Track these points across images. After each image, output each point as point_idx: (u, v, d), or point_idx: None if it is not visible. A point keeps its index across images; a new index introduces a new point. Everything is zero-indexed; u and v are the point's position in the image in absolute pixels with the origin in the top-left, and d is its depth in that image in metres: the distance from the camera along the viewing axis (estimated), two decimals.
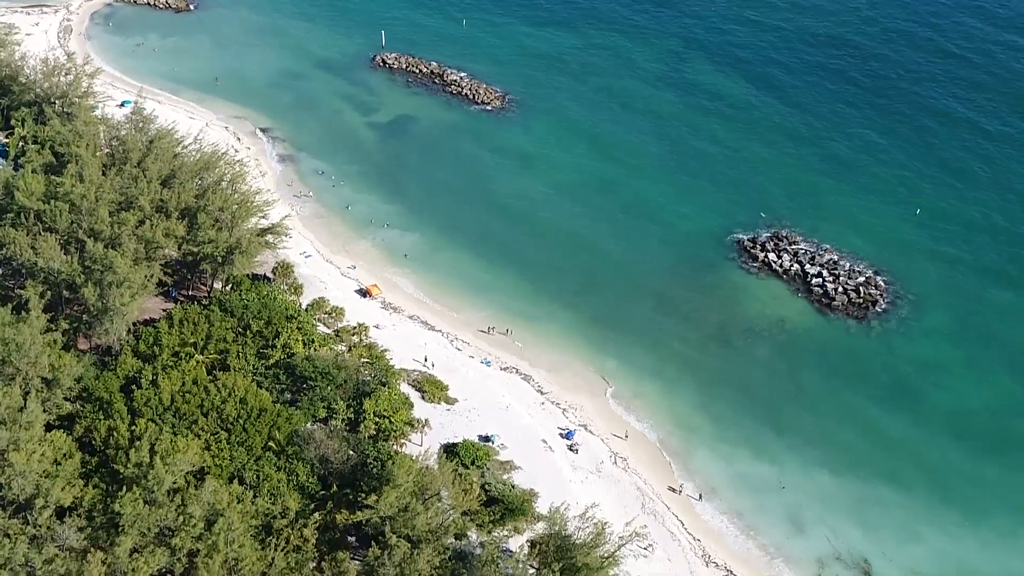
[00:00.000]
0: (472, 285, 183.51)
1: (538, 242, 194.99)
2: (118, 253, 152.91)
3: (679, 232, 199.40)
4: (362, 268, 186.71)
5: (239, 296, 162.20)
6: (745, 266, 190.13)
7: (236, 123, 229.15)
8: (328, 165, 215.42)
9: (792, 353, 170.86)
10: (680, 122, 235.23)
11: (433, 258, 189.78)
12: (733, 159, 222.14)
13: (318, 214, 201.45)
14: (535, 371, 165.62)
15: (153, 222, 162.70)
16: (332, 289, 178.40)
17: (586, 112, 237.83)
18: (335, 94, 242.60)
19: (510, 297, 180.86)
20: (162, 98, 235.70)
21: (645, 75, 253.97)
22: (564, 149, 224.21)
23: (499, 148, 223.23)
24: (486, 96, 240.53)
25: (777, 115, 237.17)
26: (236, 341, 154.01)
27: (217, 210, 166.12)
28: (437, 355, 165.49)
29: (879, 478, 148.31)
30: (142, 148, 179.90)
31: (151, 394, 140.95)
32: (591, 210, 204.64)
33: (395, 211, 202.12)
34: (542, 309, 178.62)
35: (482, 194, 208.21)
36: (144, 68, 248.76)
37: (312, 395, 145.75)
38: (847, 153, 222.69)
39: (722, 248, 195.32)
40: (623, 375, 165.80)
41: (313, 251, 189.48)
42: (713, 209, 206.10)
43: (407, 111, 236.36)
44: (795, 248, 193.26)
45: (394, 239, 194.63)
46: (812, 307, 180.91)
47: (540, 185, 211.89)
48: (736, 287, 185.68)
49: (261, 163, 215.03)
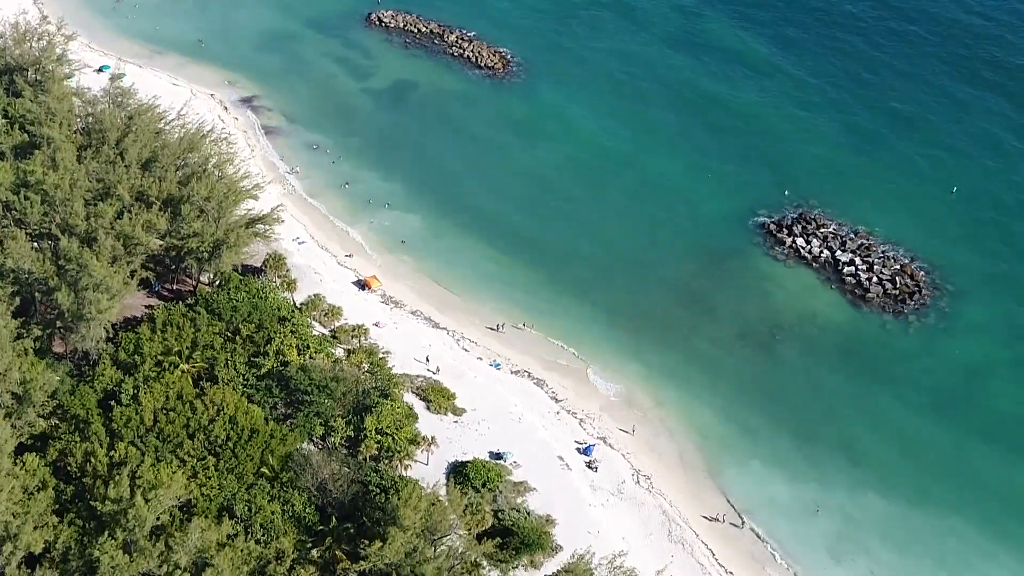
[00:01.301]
0: (478, 275, 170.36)
1: (547, 225, 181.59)
2: (94, 253, 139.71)
3: (699, 213, 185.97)
4: (360, 256, 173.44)
5: (227, 295, 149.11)
6: (772, 252, 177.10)
7: (223, 90, 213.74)
8: (322, 138, 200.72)
9: (825, 353, 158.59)
10: (695, 87, 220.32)
11: (435, 244, 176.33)
12: (753, 130, 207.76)
13: (312, 193, 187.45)
14: (548, 374, 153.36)
15: (133, 214, 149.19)
16: (328, 281, 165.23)
17: (595, 77, 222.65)
18: (328, 56, 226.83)
19: (519, 289, 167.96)
20: (143, 62, 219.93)
21: (657, 35, 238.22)
22: (573, 119, 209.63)
23: (504, 118, 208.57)
24: (489, 59, 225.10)
25: (797, 81, 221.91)
26: (224, 348, 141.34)
27: (202, 200, 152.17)
28: (442, 357, 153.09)
29: (928, 500, 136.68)
30: (120, 126, 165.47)
31: (132, 412, 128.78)
32: (604, 189, 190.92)
33: (394, 190, 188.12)
34: (554, 302, 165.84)
35: (486, 170, 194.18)
36: (123, 28, 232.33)
37: (308, 410, 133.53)
38: (873, 123, 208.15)
39: (746, 232, 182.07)
40: (644, 379, 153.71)
41: (307, 236, 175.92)
42: (734, 186, 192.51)
43: (405, 76, 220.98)
44: (824, 232, 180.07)
45: (394, 222, 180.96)
46: (845, 299, 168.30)
47: (548, 160, 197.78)
48: (763, 276, 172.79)
49: (249, 136, 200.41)
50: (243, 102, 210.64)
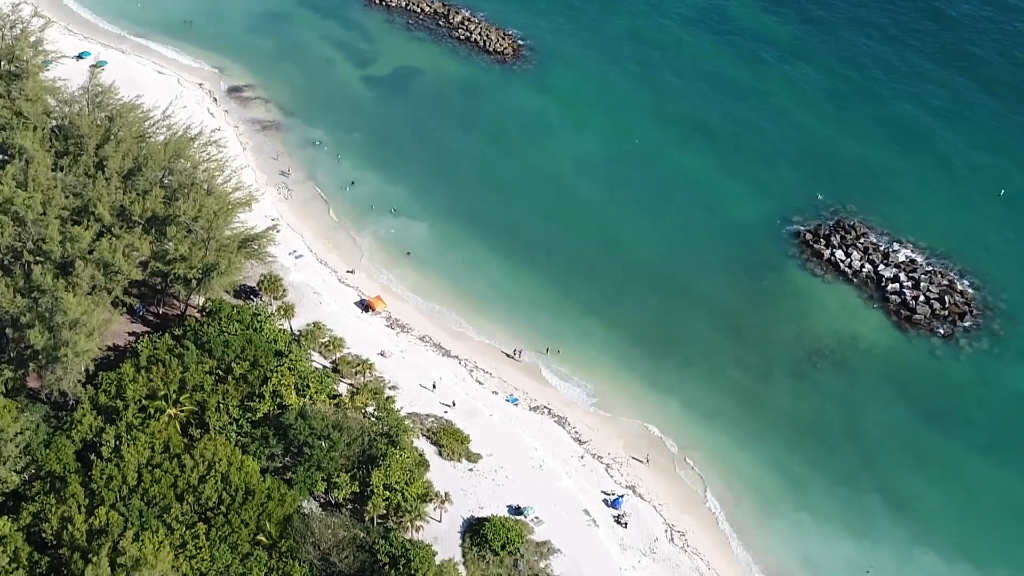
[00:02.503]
0: (491, 292, 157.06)
1: (564, 232, 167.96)
2: (70, 285, 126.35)
3: (728, 219, 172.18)
4: (363, 271, 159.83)
5: (218, 326, 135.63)
6: (808, 266, 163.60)
7: (212, 78, 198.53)
8: (321, 133, 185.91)
9: (869, 384, 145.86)
10: (716, 75, 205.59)
11: (444, 256, 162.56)
12: (781, 123, 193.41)
13: (310, 198, 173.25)
14: (570, 411, 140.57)
15: (113, 237, 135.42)
16: (328, 303, 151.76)
17: (612, 63, 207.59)
18: (325, 40, 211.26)
19: (536, 308, 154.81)
20: (126, 46, 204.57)
21: (675, 16, 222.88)
22: (589, 111, 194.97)
23: (515, 110, 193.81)
24: (498, 43, 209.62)
25: (825, 68, 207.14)
26: (215, 389, 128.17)
27: (190, 220, 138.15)
28: (455, 391, 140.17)
29: (991, 557, 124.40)
30: (100, 131, 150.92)
31: (113, 469, 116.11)
32: (625, 191, 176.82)
33: (399, 192, 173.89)
34: (574, 325, 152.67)
35: (497, 169, 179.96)
36: (106, 7, 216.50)
37: (309, 463, 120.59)
38: (912, 118, 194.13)
39: (779, 241, 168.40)
40: (674, 415, 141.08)
41: (305, 249, 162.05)
42: (765, 188, 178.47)
43: (409, 62, 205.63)
44: (864, 242, 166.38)
45: (399, 230, 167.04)
46: (889, 321, 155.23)
47: (563, 157, 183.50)
48: (799, 294, 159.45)
49: (242, 132, 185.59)
50: (234, 92, 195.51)
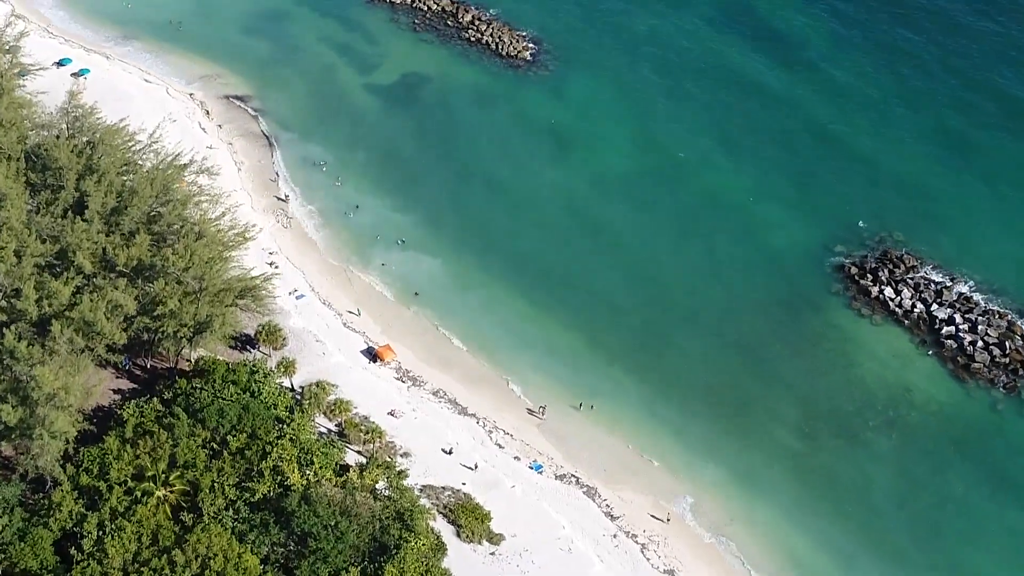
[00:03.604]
0: (510, 339, 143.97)
1: (586, 267, 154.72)
2: (47, 352, 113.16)
3: (764, 249, 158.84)
4: (369, 313, 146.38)
5: (212, 390, 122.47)
6: (855, 305, 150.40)
7: (203, 86, 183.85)
8: (321, 151, 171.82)
9: (926, 444, 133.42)
10: (747, 81, 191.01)
11: (458, 297, 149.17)
12: (816, 137, 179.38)
13: (310, 227, 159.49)
14: (599, 479, 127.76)
15: (95, 289, 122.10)
16: (332, 352, 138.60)
17: (632, 68, 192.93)
18: (325, 42, 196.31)
19: (559, 356, 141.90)
20: (110, 50, 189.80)
21: (699, 14, 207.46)
22: (611, 123, 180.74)
23: (531, 123, 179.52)
24: (512, 46, 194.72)
25: (863, 73, 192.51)
26: (209, 466, 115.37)
27: (181, 270, 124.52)
28: (472, 456, 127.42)
29: None
30: (80, 163, 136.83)
31: (95, 568, 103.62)
32: (650, 216, 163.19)
33: (406, 221, 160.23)
34: (602, 376, 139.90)
35: (512, 193, 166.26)
36: (88, 6, 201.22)
37: (314, 557, 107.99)
38: (965, 132, 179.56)
39: (822, 275, 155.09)
40: (710, 482, 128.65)
41: (306, 288, 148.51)
42: (801, 212, 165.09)
43: (415, 68, 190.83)
44: (914, 277, 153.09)
45: (409, 265, 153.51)
46: (945, 369, 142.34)
47: (583, 178, 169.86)
48: (845, 337, 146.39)
49: (236, 149, 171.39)
50: (228, 103, 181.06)
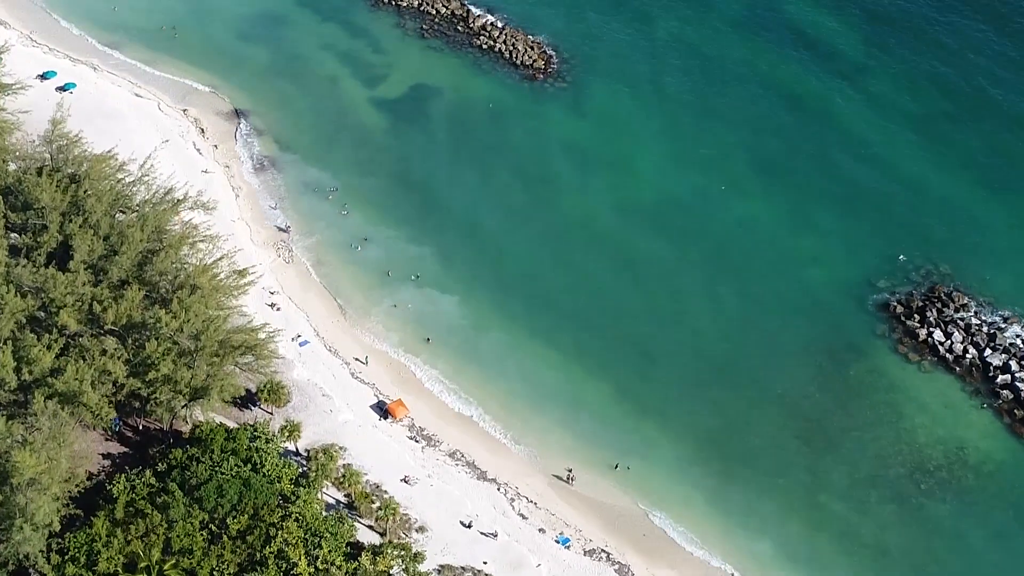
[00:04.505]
0: (532, 392, 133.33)
1: (613, 308, 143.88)
2: (26, 429, 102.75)
3: (802, 285, 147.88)
4: (379, 360, 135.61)
5: (209, 463, 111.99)
6: (901, 348, 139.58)
7: (199, 101, 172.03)
8: (325, 174, 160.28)
9: (983, 509, 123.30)
10: (778, 93, 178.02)
11: (476, 343, 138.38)
12: (854, 156, 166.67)
13: (315, 262, 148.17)
14: (634, 555, 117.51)
15: (81, 350, 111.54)
16: (340, 408, 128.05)
17: (656, 78, 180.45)
18: (328, 50, 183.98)
19: (585, 411, 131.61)
20: (99, 61, 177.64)
21: (727, 16, 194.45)
22: (634, 143, 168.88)
23: (550, 142, 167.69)
24: (527, 54, 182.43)
25: (908, 84, 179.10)
26: (208, 553, 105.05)
27: (175, 331, 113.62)
28: (493, 528, 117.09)
29: None
30: (64, 201, 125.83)
31: None
32: (679, 249, 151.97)
33: (418, 254, 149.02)
34: (631, 431, 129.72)
35: (533, 221, 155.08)
36: (75, 10, 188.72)
37: None
38: (1018, 151, 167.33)
39: (865, 315, 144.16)
40: (752, 556, 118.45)
41: (311, 332, 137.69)
42: (841, 242, 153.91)
43: (424, 79, 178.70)
44: (964, 317, 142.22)
45: (422, 305, 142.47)
46: (1001, 423, 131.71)
47: (607, 205, 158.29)
48: (893, 386, 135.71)
49: (233, 172, 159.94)
50: (224, 120, 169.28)
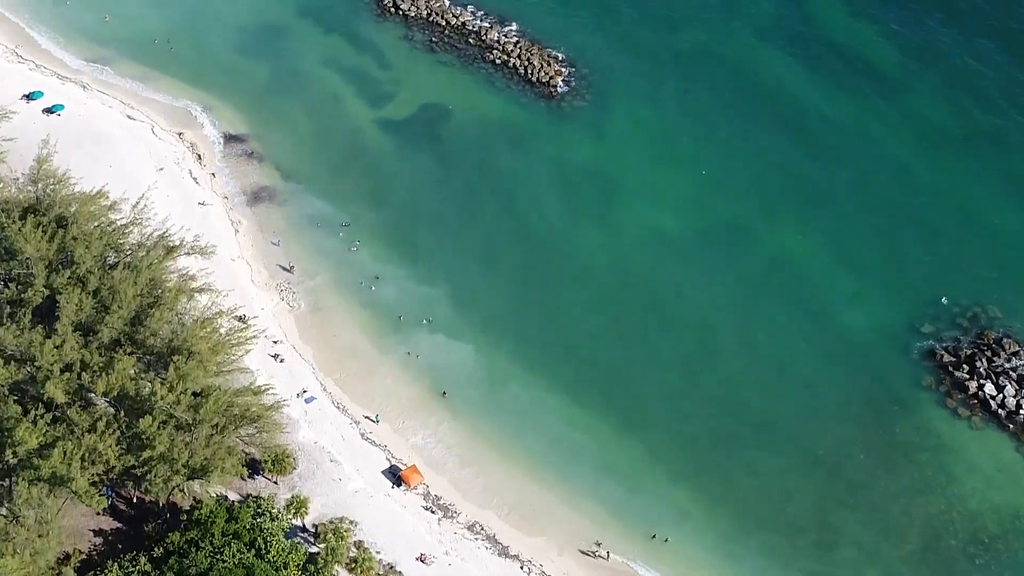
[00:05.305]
0: (557, 455, 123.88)
1: (641, 357, 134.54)
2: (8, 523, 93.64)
3: (841, 330, 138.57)
4: (391, 418, 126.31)
5: (209, 550, 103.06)
6: (949, 402, 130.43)
7: (194, 122, 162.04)
8: (331, 207, 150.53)
9: None
10: (807, 110, 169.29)
11: (495, 398, 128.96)
12: (891, 183, 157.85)
13: (320, 306, 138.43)
14: None
15: (67, 428, 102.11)
16: (350, 475, 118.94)
17: (680, 96, 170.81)
18: (331, 66, 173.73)
19: (614, 476, 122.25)
20: (88, 80, 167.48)
21: (752, 27, 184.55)
22: (658, 169, 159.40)
23: (569, 170, 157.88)
24: (543, 70, 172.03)
25: (947, 102, 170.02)
26: None
27: (171, 404, 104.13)
28: None
29: None
30: (52, 249, 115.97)
31: None
32: (712, 291, 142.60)
33: (433, 296, 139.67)
34: (664, 499, 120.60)
35: (553, 258, 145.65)
36: (63, 22, 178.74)
37: None
38: None
39: (909, 364, 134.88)
40: None
41: (317, 387, 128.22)
42: (882, 281, 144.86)
43: (435, 97, 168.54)
44: (1017, 367, 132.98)
45: (436, 355, 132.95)
46: None
47: (631, 240, 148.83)
48: (942, 445, 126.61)
49: (232, 204, 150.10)
50: (223, 144, 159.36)
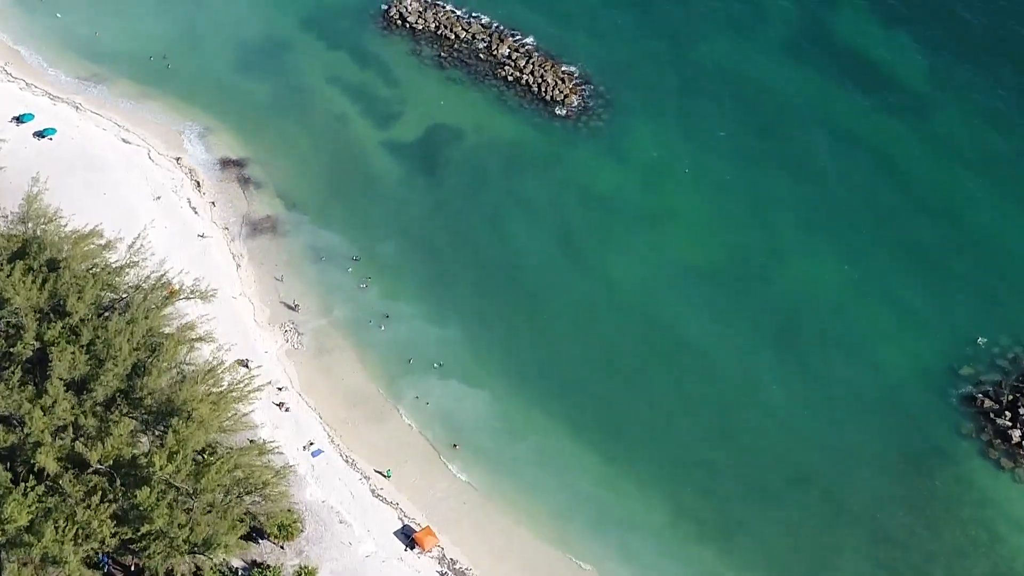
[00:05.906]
0: (578, 512, 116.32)
1: (665, 404, 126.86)
2: None
3: (875, 373, 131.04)
4: (402, 473, 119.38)
5: None
6: (991, 452, 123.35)
7: (192, 146, 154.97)
8: (338, 240, 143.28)
9: None
10: (836, 129, 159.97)
11: (511, 451, 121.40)
12: (923, 210, 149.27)
13: (327, 348, 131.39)
14: None
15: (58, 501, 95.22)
16: (361, 536, 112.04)
17: (701, 116, 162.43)
18: (335, 83, 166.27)
19: (640, 536, 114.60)
20: (80, 99, 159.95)
21: (774, 38, 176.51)
22: (680, 195, 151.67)
23: (587, 197, 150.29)
24: (557, 87, 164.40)
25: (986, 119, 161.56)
26: None
27: (171, 474, 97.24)
28: None
29: None
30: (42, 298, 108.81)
31: None
32: (737, 329, 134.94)
33: (445, 337, 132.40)
34: (694, 562, 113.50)
35: (572, 295, 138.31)
36: (54, 36, 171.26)
37: None
38: None
39: (947, 409, 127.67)
40: None
41: (325, 439, 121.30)
42: (917, 319, 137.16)
43: (445, 118, 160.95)
44: None
45: (447, 401, 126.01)
46: None
47: (653, 274, 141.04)
48: (984, 500, 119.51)
49: (233, 236, 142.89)
50: (222, 169, 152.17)
